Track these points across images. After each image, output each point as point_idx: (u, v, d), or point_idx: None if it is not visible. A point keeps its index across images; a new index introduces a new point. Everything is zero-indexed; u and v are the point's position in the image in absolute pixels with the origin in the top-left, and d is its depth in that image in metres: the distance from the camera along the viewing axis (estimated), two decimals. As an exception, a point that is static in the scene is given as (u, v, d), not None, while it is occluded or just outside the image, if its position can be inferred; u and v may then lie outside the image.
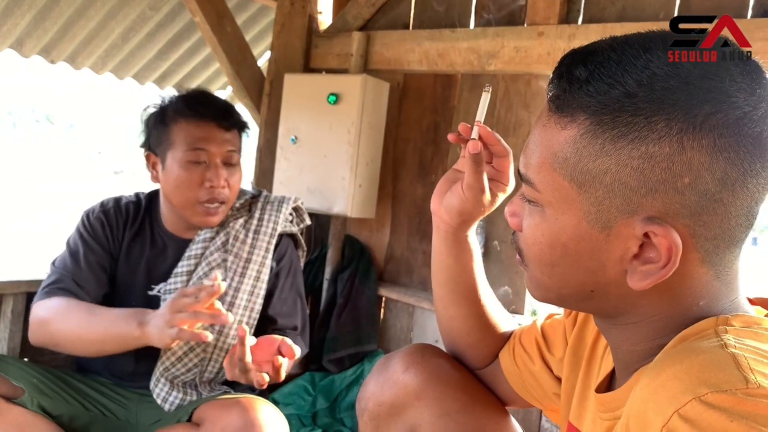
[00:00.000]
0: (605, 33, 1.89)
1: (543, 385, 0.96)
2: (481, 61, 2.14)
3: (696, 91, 0.57)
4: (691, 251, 0.60)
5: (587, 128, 0.60)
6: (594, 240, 0.63)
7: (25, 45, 2.93)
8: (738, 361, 0.51)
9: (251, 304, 1.55)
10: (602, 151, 0.60)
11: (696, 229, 0.59)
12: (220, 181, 1.49)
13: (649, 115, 0.57)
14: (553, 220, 0.66)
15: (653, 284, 0.60)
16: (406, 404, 0.99)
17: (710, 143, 0.56)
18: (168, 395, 1.52)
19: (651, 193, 0.58)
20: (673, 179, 0.57)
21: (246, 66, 2.54)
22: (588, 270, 0.65)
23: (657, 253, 0.60)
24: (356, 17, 2.48)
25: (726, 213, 0.59)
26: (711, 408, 0.48)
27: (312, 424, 2.21)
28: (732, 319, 0.59)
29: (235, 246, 1.57)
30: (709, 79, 0.58)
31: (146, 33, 3.05)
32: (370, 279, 2.43)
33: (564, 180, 0.63)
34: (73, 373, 1.62)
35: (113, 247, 1.59)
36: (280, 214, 1.62)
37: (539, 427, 2.02)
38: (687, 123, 0.56)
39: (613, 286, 0.64)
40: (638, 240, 0.60)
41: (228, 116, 1.53)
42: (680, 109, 0.57)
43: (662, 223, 0.58)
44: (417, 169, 2.44)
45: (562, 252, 0.66)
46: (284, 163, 2.42)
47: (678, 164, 0.57)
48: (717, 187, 0.57)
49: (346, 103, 2.27)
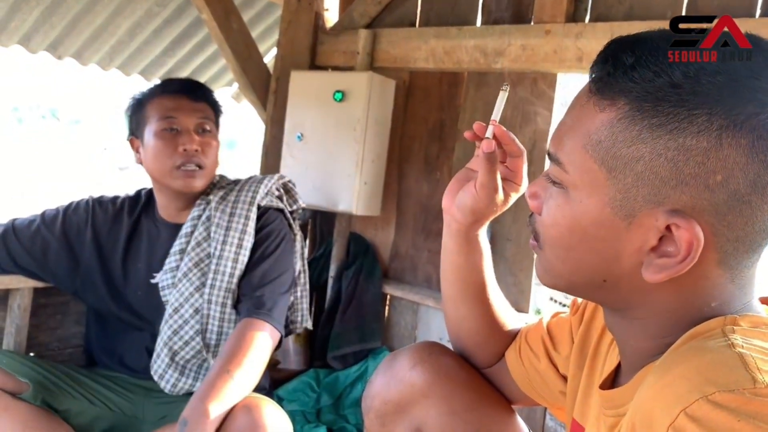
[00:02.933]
0: (612, 32, 1.90)
1: (549, 383, 0.96)
2: (488, 59, 2.13)
3: (742, 90, 0.57)
4: (710, 251, 0.60)
5: (626, 113, 0.60)
6: (615, 227, 0.62)
7: (33, 41, 2.94)
8: (745, 361, 0.51)
9: (234, 270, 1.55)
10: (638, 138, 0.59)
11: (719, 228, 0.59)
12: (192, 144, 1.54)
13: (691, 107, 0.57)
14: (577, 202, 0.65)
15: (667, 278, 0.60)
16: (412, 402, 0.99)
17: (749, 143, 0.56)
18: (165, 372, 1.53)
19: (681, 185, 0.58)
20: (705, 175, 0.57)
21: (252, 63, 2.54)
22: (603, 258, 0.65)
23: (675, 248, 0.59)
24: (363, 15, 2.48)
25: (752, 216, 0.58)
26: (718, 407, 0.48)
27: (316, 420, 2.21)
28: (740, 319, 0.59)
29: (216, 216, 1.59)
30: (756, 80, 0.57)
31: (153, 29, 3.06)
32: (375, 276, 2.43)
33: (595, 163, 0.63)
34: (79, 368, 1.63)
35: (85, 241, 1.63)
36: (261, 185, 1.65)
37: (543, 426, 2.02)
38: (728, 120, 0.56)
39: (626, 277, 0.64)
40: (659, 232, 0.60)
41: (197, 89, 1.62)
42: (723, 106, 0.56)
43: (687, 217, 0.58)
44: (423, 167, 2.44)
45: (580, 237, 0.65)
46: (290, 160, 2.42)
47: (713, 160, 0.57)
48: (748, 189, 0.57)
49: (352, 100, 2.27)
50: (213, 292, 1.54)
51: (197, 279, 1.55)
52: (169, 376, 1.53)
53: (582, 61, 1.93)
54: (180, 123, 1.55)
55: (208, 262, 1.57)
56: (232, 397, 1.27)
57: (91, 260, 1.63)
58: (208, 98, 1.63)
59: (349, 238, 2.54)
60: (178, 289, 1.55)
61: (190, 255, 1.56)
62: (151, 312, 1.60)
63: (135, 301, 1.62)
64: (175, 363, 1.54)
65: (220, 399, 1.25)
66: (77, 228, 1.64)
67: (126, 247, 1.64)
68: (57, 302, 1.80)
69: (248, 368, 1.33)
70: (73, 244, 1.63)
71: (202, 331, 1.54)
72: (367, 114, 2.25)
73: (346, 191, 2.29)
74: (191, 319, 1.54)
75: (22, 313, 1.69)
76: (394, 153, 2.46)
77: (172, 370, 1.53)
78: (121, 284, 1.63)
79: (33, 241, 1.60)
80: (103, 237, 1.65)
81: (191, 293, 1.54)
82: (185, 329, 1.54)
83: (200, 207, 1.62)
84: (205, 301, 1.54)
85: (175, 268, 1.57)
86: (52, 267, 1.62)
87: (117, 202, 1.70)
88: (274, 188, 1.68)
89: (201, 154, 1.55)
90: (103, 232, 1.65)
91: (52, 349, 1.80)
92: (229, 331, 1.53)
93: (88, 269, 1.63)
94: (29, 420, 1.39)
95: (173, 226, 1.63)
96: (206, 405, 1.22)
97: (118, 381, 1.62)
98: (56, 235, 1.62)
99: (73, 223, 1.64)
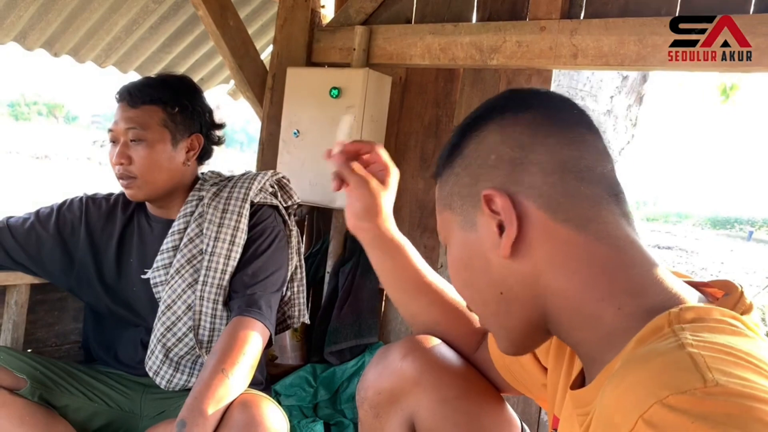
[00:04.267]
0: (607, 28, 1.92)
1: (532, 374, 0.97)
2: (483, 55, 2.14)
3: (480, 111, 0.81)
4: (533, 210, 0.70)
5: (440, 174, 0.82)
6: (472, 240, 0.75)
7: (29, 38, 2.94)
8: (695, 361, 0.51)
9: (226, 267, 1.55)
10: (448, 178, 0.79)
11: (525, 191, 0.71)
12: (118, 158, 1.54)
13: (460, 141, 0.79)
14: (452, 246, 0.80)
15: (510, 243, 0.70)
16: (404, 391, 1.00)
17: (496, 126, 0.75)
18: (159, 369, 1.54)
19: (479, 179, 0.74)
20: (484, 161, 0.74)
21: (249, 59, 2.55)
22: (483, 270, 0.75)
23: (505, 219, 0.71)
24: (358, 11, 2.48)
25: (542, 170, 0.71)
26: (672, 410, 0.49)
27: (313, 415, 2.23)
28: (684, 313, 0.60)
29: (209, 212, 1.59)
30: (490, 101, 0.83)
31: (149, 26, 3.06)
32: (372, 272, 2.43)
33: (444, 212, 0.80)
34: (77, 365, 1.64)
35: (79, 238, 1.64)
36: (254, 181, 1.64)
37: (539, 420, 2.03)
38: (479, 125, 0.77)
39: (508, 275, 0.72)
40: (492, 218, 0.71)
41: (133, 94, 1.56)
42: (473, 123, 0.79)
43: (490, 190, 0.71)
44: (419, 163, 2.45)
45: (462, 265, 0.78)
46: (287, 157, 2.43)
47: (483, 150, 0.74)
48: (518, 153, 0.72)
49: (348, 97, 2.28)
50: (205, 289, 1.54)
51: (190, 275, 1.56)
52: (164, 372, 1.54)
53: (577, 57, 1.94)
54: (116, 135, 1.56)
55: (200, 258, 1.57)
56: (227, 395, 1.28)
57: (86, 257, 1.63)
58: (151, 100, 1.56)
59: (346, 234, 2.55)
60: (170, 285, 1.55)
61: (183, 251, 1.57)
62: (145, 308, 1.60)
63: (130, 297, 1.63)
64: (169, 359, 1.55)
65: (216, 398, 1.26)
66: (71, 225, 1.65)
67: (120, 243, 1.65)
68: (54, 298, 1.81)
69: (242, 366, 1.33)
70: (67, 241, 1.64)
71: (195, 327, 1.54)
72: (364, 110, 2.26)
73: (342, 187, 2.29)
74: (184, 316, 1.55)
75: (19, 310, 1.70)
76: (390, 149, 2.44)
77: (167, 366, 1.54)
78: (116, 280, 1.63)
79: (27, 237, 1.61)
80: (97, 234, 1.65)
81: (183, 290, 1.55)
82: (178, 326, 1.54)
83: (192, 203, 1.62)
84: (198, 298, 1.54)
85: (167, 264, 1.57)
86: (47, 264, 1.63)
87: (111, 198, 1.70)
88: (267, 185, 1.68)
89: (131, 166, 1.54)
90: (97, 229, 1.65)
91: (49, 346, 1.81)
92: (221, 328, 1.54)
93: (83, 266, 1.64)
94: (26, 416, 1.40)
95: (165, 222, 1.63)
96: (203, 405, 1.23)
97: (115, 377, 1.62)
98: (50, 232, 1.62)
99: (67, 221, 1.65)
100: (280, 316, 1.73)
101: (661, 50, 1.76)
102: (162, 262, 1.58)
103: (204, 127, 1.65)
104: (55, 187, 10.53)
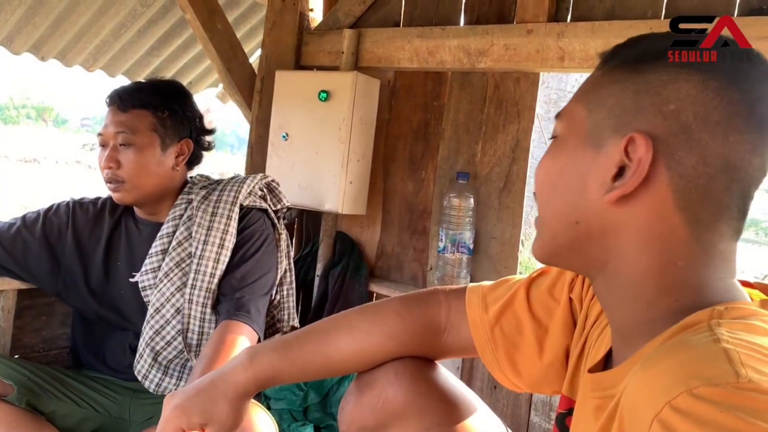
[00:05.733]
0: (594, 31, 1.93)
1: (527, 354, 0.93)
2: (471, 58, 2.15)
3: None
4: (662, 184, 0.64)
5: (612, 67, 0.71)
6: (585, 157, 0.69)
7: (15, 42, 2.92)
8: (730, 356, 0.51)
9: (215, 270, 1.55)
10: (615, 80, 0.69)
11: (671, 162, 0.64)
12: (107, 162, 1.54)
13: (661, 55, 0.67)
14: (560, 144, 0.73)
15: (621, 194, 0.65)
16: (388, 424, 0.97)
17: (700, 80, 0.64)
18: (148, 372, 1.54)
19: (640, 113, 0.66)
20: (660, 103, 0.65)
21: (237, 63, 2.54)
22: (575, 191, 0.70)
23: (631, 169, 0.65)
24: (347, 15, 2.49)
25: (702, 156, 0.63)
26: (702, 400, 0.49)
27: (303, 418, 2.22)
28: (725, 312, 0.60)
29: (198, 215, 1.59)
30: (727, 47, 0.68)
31: (137, 30, 3.05)
32: (361, 275, 2.44)
33: (581, 107, 0.72)
34: (66, 370, 1.63)
35: (66, 243, 1.63)
36: (243, 185, 1.64)
37: (528, 423, 2.04)
38: (689, 63, 0.66)
39: (595, 214, 0.68)
40: (620, 158, 0.66)
41: (123, 98, 1.57)
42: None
43: (641, 135, 0.64)
44: (407, 166, 2.45)
45: (556, 172, 0.73)
46: (275, 160, 2.43)
47: (669, 91, 0.65)
48: (698, 125, 0.63)
49: (337, 100, 2.28)
50: (194, 292, 1.54)
51: (178, 279, 1.55)
52: (153, 375, 1.54)
53: (564, 60, 1.95)
54: (106, 139, 1.56)
55: (189, 261, 1.57)
56: None
57: (73, 262, 1.63)
58: (141, 104, 1.56)
59: (335, 236, 2.55)
60: (159, 289, 1.55)
61: (171, 255, 1.56)
62: (134, 312, 1.60)
63: (118, 301, 1.62)
64: (158, 363, 1.54)
65: None
66: (57, 230, 1.64)
67: (107, 247, 1.64)
68: (42, 303, 1.80)
69: None
70: (54, 245, 1.63)
71: (183, 330, 1.54)
72: (352, 113, 2.26)
73: (331, 190, 2.30)
74: (173, 319, 1.54)
75: (6, 315, 1.69)
76: (379, 152, 2.47)
77: (155, 370, 1.54)
78: (103, 284, 1.63)
79: (14, 242, 1.60)
80: (85, 238, 1.65)
81: (172, 293, 1.55)
82: (167, 329, 1.54)
83: (181, 206, 1.62)
84: (186, 301, 1.54)
85: (156, 268, 1.57)
86: (34, 269, 1.62)
87: (98, 203, 1.70)
88: (257, 188, 1.68)
89: (120, 170, 1.54)
90: (84, 234, 1.65)
91: (37, 351, 1.80)
92: (210, 332, 1.54)
93: (70, 271, 1.63)
94: (14, 422, 1.39)
95: (153, 225, 1.63)
96: None
97: (104, 382, 1.62)
98: (37, 237, 1.61)
99: (54, 225, 1.64)
100: (269, 319, 1.72)
101: (647, 53, 1.77)
102: (150, 265, 1.58)
103: (194, 132, 1.65)
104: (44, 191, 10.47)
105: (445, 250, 2.20)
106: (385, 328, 0.99)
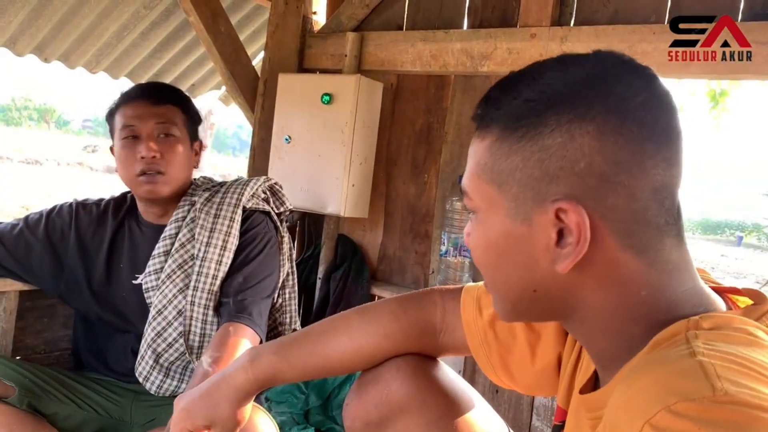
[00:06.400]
0: (597, 35, 1.93)
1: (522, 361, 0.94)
2: (474, 62, 2.15)
3: (580, 88, 0.65)
4: (605, 236, 0.64)
5: (498, 135, 0.68)
6: (520, 234, 0.68)
7: (19, 43, 2.92)
8: (705, 369, 0.52)
9: (218, 272, 1.55)
10: (510, 151, 0.67)
11: (604, 212, 0.64)
12: (149, 152, 1.52)
13: (541, 112, 0.65)
14: (484, 222, 0.72)
15: (573, 263, 0.65)
16: (392, 419, 0.99)
17: (596, 128, 0.63)
18: (149, 374, 1.53)
19: (554, 180, 0.65)
20: (570, 165, 0.64)
21: (240, 65, 2.55)
22: (523, 266, 0.69)
23: (572, 235, 0.64)
24: (350, 18, 2.49)
25: (630, 195, 0.63)
26: (679, 417, 0.49)
27: (304, 422, 2.22)
28: (702, 321, 0.60)
29: (201, 217, 1.59)
30: (594, 78, 0.65)
31: (140, 32, 3.05)
32: (363, 278, 2.44)
33: (487, 184, 0.70)
34: (67, 372, 1.62)
35: (68, 244, 1.63)
36: (246, 187, 1.64)
37: (530, 426, 2.03)
38: (573, 114, 0.64)
39: (550, 280, 0.68)
40: (555, 225, 0.65)
41: (157, 92, 1.59)
42: (567, 104, 0.64)
43: (568, 200, 0.64)
44: (410, 169, 2.45)
45: (496, 252, 0.71)
46: (278, 163, 2.43)
47: (572, 151, 0.64)
48: (612, 169, 0.63)
49: (339, 103, 2.28)
50: (196, 294, 1.54)
51: (181, 281, 1.55)
52: (154, 377, 1.53)
53: (567, 64, 1.95)
54: (139, 130, 1.54)
55: (191, 263, 1.56)
56: None
57: (75, 263, 1.62)
58: (173, 100, 1.60)
59: (337, 239, 2.55)
60: (161, 290, 1.55)
61: (174, 257, 1.56)
62: (135, 314, 1.60)
63: (120, 303, 1.62)
64: (159, 365, 1.54)
65: None
66: (60, 231, 1.64)
67: (110, 249, 1.64)
68: (44, 305, 1.80)
69: None
70: (57, 247, 1.63)
71: (185, 333, 1.54)
72: (355, 117, 2.27)
73: (334, 193, 2.30)
74: (174, 321, 1.54)
75: (7, 317, 1.68)
76: (381, 155, 2.47)
77: (157, 371, 1.54)
78: (105, 286, 1.62)
79: (16, 244, 1.60)
80: (87, 239, 1.64)
81: (174, 295, 1.54)
82: (168, 331, 1.54)
83: (184, 208, 1.62)
84: (189, 303, 1.54)
85: (159, 270, 1.56)
86: (36, 270, 1.62)
87: (101, 204, 1.69)
88: (260, 190, 1.68)
89: (161, 160, 1.53)
90: (87, 235, 1.65)
91: (39, 353, 1.80)
92: (212, 334, 1.53)
93: (72, 272, 1.63)
94: (15, 424, 1.39)
95: (157, 228, 1.63)
96: None
97: (106, 384, 1.61)
98: (39, 238, 1.61)
99: (57, 226, 1.64)
100: (271, 322, 1.72)
101: (651, 57, 1.77)
102: (153, 267, 1.57)
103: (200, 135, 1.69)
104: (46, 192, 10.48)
105: (447, 253, 2.19)
106: (381, 328, 1.00)
